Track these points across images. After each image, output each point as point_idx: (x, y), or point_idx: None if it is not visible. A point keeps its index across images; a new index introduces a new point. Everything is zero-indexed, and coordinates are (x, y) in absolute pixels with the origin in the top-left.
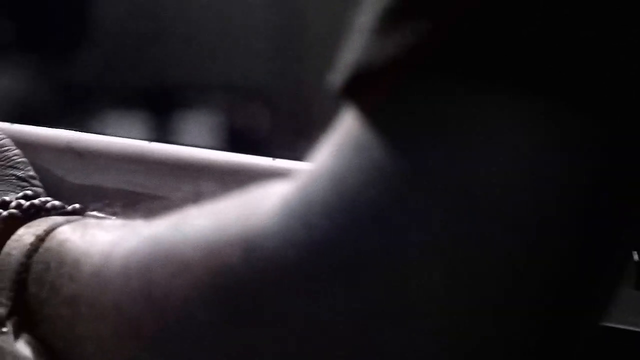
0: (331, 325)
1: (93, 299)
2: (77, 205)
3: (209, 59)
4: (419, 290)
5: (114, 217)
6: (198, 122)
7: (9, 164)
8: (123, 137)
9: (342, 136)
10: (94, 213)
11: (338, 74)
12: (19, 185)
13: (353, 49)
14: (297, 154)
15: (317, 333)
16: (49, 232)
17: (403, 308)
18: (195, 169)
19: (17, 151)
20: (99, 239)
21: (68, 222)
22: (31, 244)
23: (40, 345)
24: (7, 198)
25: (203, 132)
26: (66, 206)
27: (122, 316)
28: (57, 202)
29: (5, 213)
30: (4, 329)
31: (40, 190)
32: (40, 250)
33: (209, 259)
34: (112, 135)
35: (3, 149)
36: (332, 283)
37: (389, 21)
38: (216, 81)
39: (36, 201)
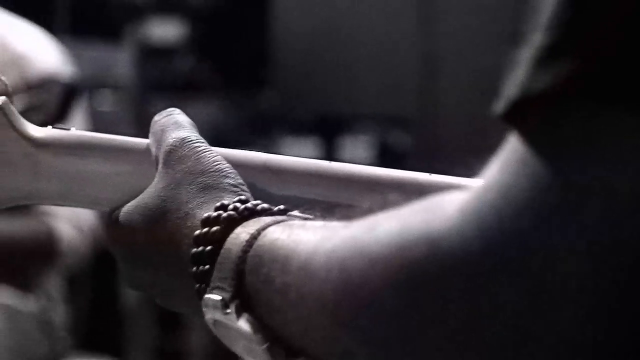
0: (498, 313)
1: (300, 289)
2: (282, 206)
3: (371, 91)
4: (572, 285)
5: (313, 217)
6: (360, 145)
7: (222, 174)
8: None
9: (508, 154)
10: (297, 213)
11: (502, 102)
12: (232, 191)
13: (514, 80)
14: (446, 171)
15: (486, 319)
16: (260, 231)
17: (558, 300)
18: (377, 182)
19: (227, 164)
20: (303, 238)
21: (276, 222)
22: (247, 241)
23: (257, 322)
24: (225, 202)
25: (364, 154)
26: (273, 208)
27: (324, 303)
28: (265, 205)
29: (225, 214)
30: (228, 310)
31: (248, 194)
32: (255, 246)
33: (397, 255)
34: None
35: (216, 163)
36: (500, 278)
37: (545, 56)
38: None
39: (249, 204)
